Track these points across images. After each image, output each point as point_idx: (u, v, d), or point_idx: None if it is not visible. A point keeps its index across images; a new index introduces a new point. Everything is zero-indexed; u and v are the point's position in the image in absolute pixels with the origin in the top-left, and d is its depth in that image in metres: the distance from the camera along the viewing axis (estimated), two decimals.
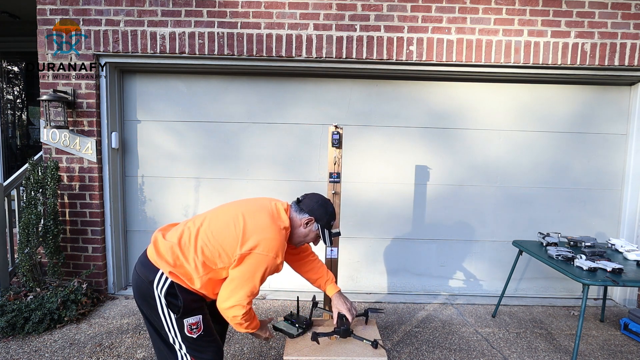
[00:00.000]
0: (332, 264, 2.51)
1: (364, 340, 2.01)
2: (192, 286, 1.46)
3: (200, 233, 1.48)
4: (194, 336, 1.47)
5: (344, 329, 2.03)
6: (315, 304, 2.31)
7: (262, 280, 1.48)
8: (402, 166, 3.48)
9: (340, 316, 1.86)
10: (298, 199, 1.69)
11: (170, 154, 3.46)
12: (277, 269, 1.50)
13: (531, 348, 2.64)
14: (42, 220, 2.97)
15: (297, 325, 1.86)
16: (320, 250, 3.40)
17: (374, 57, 3.10)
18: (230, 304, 1.44)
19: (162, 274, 1.43)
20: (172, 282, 1.43)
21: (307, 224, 1.61)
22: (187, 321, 1.45)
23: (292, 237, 1.63)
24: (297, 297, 2.16)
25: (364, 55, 3.10)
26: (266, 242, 1.44)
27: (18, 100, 5.34)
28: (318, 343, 1.90)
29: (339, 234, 2.06)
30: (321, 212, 1.62)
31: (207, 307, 1.56)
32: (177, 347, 1.50)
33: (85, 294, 2.98)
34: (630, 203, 3.43)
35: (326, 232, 1.64)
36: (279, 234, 1.48)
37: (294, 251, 1.87)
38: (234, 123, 3.42)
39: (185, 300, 1.44)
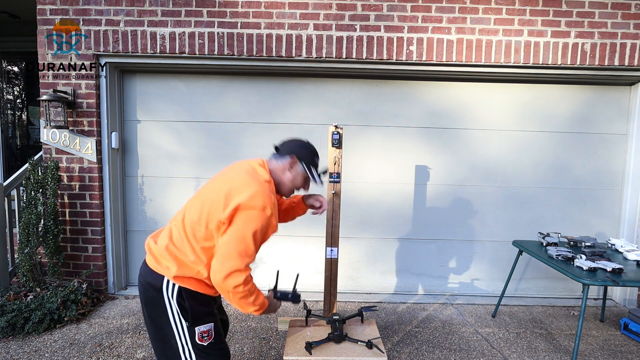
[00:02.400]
0: (332, 264, 2.51)
1: (359, 342, 2.01)
2: (200, 278, 1.39)
3: (186, 222, 1.42)
4: (205, 344, 1.42)
5: (337, 334, 2.04)
6: (309, 311, 2.31)
7: (256, 240, 1.37)
8: (402, 166, 3.48)
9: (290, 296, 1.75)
10: (276, 147, 1.62)
11: (171, 154, 3.46)
12: (270, 224, 1.39)
13: (531, 348, 2.64)
14: (42, 220, 2.97)
15: (289, 295, 1.74)
16: (320, 249, 3.41)
17: (374, 57, 3.10)
18: (225, 272, 1.30)
19: (168, 281, 1.38)
20: (179, 288, 1.38)
21: (291, 166, 1.53)
22: (199, 329, 1.40)
23: (280, 187, 1.56)
24: (277, 271, 1.93)
25: (364, 55, 3.10)
26: (250, 197, 1.34)
27: (18, 100, 5.34)
28: (310, 354, 1.90)
29: (326, 171, 1.92)
30: (303, 150, 1.55)
31: (216, 310, 1.53)
32: (185, 354, 1.43)
33: (85, 294, 2.98)
34: (630, 203, 3.43)
35: (313, 170, 1.54)
36: (261, 187, 1.39)
37: (282, 207, 1.83)
38: (234, 123, 3.42)
39: (192, 308, 1.38)
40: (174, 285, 1.38)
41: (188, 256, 1.39)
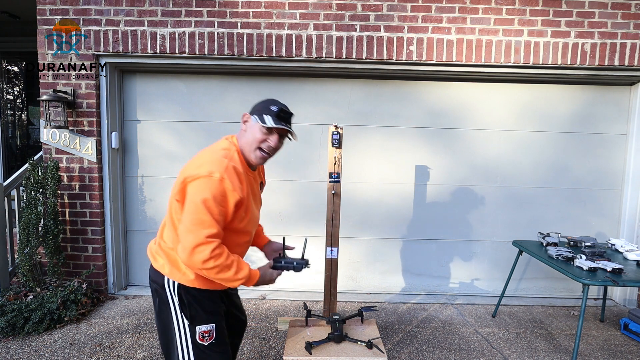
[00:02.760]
0: (332, 264, 2.51)
1: (359, 342, 2.01)
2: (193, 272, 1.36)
3: (170, 213, 1.40)
4: (205, 344, 1.39)
5: (337, 334, 2.04)
6: (309, 311, 2.31)
7: (211, 208, 1.24)
8: (402, 166, 3.48)
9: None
10: None
11: (171, 154, 3.46)
12: (223, 190, 1.26)
13: (531, 348, 2.64)
14: (42, 220, 2.97)
15: (294, 263, 1.60)
16: (320, 249, 3.41)
17: (374, 57, 3.10)
18: (188, 250, 1.22)
19: (168, 278, 1.38)
20: (179, 285, 1.36)
21: (245, 122, 1.44)
22: (200, 328, 1.38)
23: (245, 153, 1.43)
24: (284, 238, 1.70)
25: (364, 55, 3.10)
26: (196, 167, 1.28)
27: (18, 100, 5.34)
28: (310, 354, 1.90)
29: (288, 114, 1.48)
30: (255, 105, 1.45)
31: (224, 307, 1.49)
32: (184, 351, 1.40)
33: (85, 294, 2.98)
34: (630, 203, 3.43)
35: (265, 116, 1.38)
36: (212, 156, 1.32)
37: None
38: (234, 123, 3.42)
39: (190, 305, 1.36)
40: (173, 282, 1.37)
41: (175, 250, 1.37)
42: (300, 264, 1.59)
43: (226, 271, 1.27)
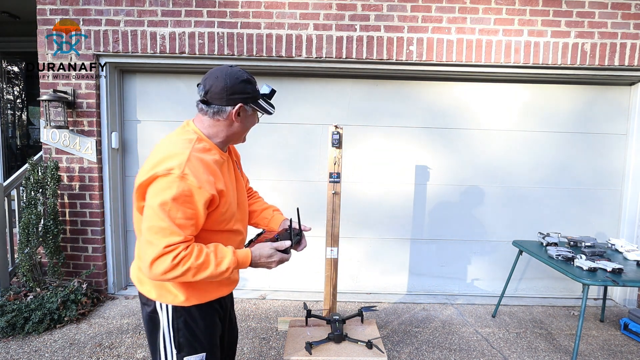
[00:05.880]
0: (332, 264, 2.51)
1: (359, 342, 2.01)
2: (175, 287, 1.20)
3: (136, 229, 1.22)
4: None
5: (337, 334, 2.04)
6: (309, 311, 2.31)
7: (170, 212, 1.03)
8: (402, 166, 3.48)
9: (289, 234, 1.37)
10: (200, 95, 1.24)
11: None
12: (187, 187, 1.04)
13: (531, 348, 2.64)
14: (42, 220, 2.97)
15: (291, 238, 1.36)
16: (320, 249, 3.40)
17: (374, 57, 3.10)
18: (146, 265, 1.03)
19: (160, 303, 1.21)
20: (172, 307, 1.20)
21: (238, 113, 1.19)
22: (189, 359, 1.22)
23: (228, 139, 1.25)
24: (297, 209, 1.50)
25: (364, 55, 3.10)
26: (159, 163, 1.07)
27: (18, 100, 5.34)
28: (310, 354, 1.90)
29: (273, 91, 1.28)
30: (236, 85, 1.16)
31: (218, 339, 1.32)
32: None
33: (85, 294, 2.98)
34: (630, 202, 3.43)
35: (261, 102, 1.22)
36: (180, 147, 1.11)
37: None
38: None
39: (179, 328, 1.20)
40: (166, 306, 1.21)
41: None
42: (297, 239, 1.37)
43: (204, 270, 1.07)
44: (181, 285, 1.19)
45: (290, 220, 1.39)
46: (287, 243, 1.28)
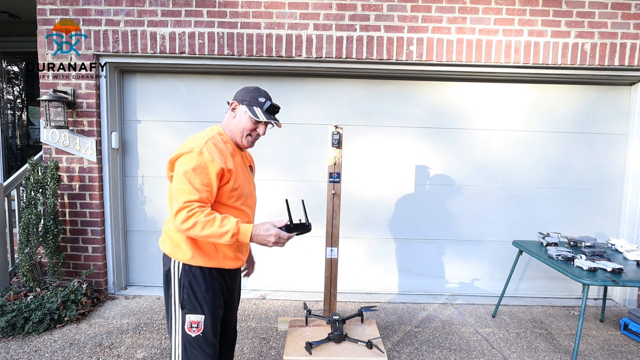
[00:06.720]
0: (332, 264, 2.51)
1: (359, 342, 2.01)
2: (189, 248, 1.44)
3: (169, 194, 1.53)
4: (192, 335, 1.44)
5: (337, 334, 2.04)
6: (309, 311, 2.31)
7: (192, 178, 1.36)
8: (402, 166, 3.48)
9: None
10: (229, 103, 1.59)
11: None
12: (205, 163, 1.37)
13: (531, 348, 2.64)
14: (42, 220, 2.97)
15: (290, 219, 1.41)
16: (320, 249, 3.41)
17: (374, 57, 3.10)
18: (172, 216, 1.36)
19: (174, 260, 1.46)
20: (182, 265, 1.44)
21: (233, 110, 1.54)
22: (189, 317, 1.43)
23: (234, 137, 1.55)
24: (286, 200, 1.53)
25: (364, 55, 3.10)
26: (187, 144, 1.44)
27: (18, 100, 5.34)
28: (310, 354, 1.90)
29: (276, 108, 1.56)
30: (243, 93, 1.53)
31: (219, 310, 1.51)
32: (175, 340, 1.47)
33: (85, 294, 2.98)
34: (630, 202, 3.43)
35: (256, 109, 1.49)
36: (203, 136, 1.47)
37: None
38: None
39: (184, 285, 1.43)
40: (177, 263, 1.46)
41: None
42: (296, 227, 1.40)
43: (210, 226, 1.31)
44: (190, 243, 1.44)
45: (286, 201, 1.52)
46: (285, 220, 1.41)
